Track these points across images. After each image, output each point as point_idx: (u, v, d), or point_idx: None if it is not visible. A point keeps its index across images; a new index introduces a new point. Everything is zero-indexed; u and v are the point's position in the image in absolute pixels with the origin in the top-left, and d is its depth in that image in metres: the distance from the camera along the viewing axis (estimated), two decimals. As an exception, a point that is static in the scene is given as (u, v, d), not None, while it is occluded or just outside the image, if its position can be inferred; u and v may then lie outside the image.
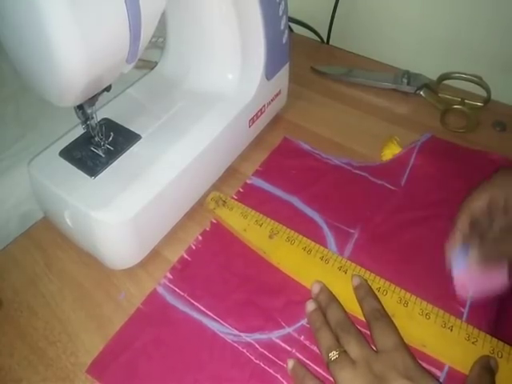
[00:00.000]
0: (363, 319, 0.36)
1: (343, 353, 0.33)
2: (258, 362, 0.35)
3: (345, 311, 0.36)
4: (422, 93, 0.58)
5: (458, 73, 0.56)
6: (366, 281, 0.38)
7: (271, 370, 0.35)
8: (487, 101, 0.55)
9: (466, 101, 0.56)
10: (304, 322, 0.37)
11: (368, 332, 0.35)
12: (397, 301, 0.37)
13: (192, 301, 0.39)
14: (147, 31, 0.33)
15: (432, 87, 0.58)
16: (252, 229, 0.43)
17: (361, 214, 0.44)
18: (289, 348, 0.36)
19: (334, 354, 0.33)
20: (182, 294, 0.39)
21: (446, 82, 0.59)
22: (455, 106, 0.55)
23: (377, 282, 0.39)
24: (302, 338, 0.36)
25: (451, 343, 0.35)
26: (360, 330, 0.35)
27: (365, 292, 0.37)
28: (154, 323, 0.38)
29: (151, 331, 0.37)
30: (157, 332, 0.37)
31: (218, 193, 0.47)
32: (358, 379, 0.31)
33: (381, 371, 0.31)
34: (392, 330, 0.34)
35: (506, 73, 0.59)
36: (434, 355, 0.35)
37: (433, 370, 0.34)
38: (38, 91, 0.33)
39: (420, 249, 0.41)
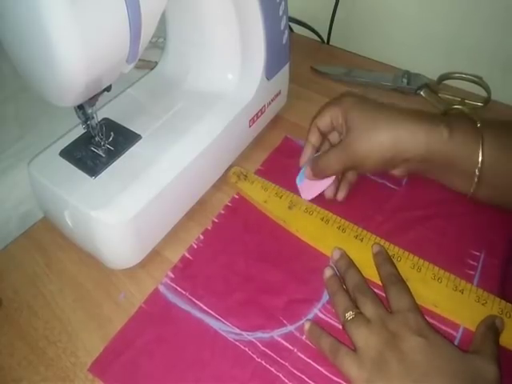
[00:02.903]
0: (379, 282, 0.38)
1: (359, 313, 0.35)
2: (259, 360, 0.35)
3: (362, 276, 0.38)
4: (422, 93, 0.58)
5: (458, 73, 0.56)
6: (385, 249, 0.40)
7: (273, 369, 0.35)
8: (487, 101, 0.55)
9: (466, 101, 0.56)
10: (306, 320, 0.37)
11: (383, 296, 0.37)
12: (410, 266, 0.39)
13: (194, 299, 0.39)
14: (147, 31, 0.33)
15: (432, 87, 0.58)
16: (272, 200, 0.45)
17: (362, 214, 0.44)
18: (290, 347, 0.36)
19: (350, 315, 0.35)
20: (184, 292, 0.39)
21: (446, 82, 0.58)
22: (455, 106, 0.55)
23: (391, 250, 0.40)
24: (303, 336, 0.36)
25: (462, 304, 0.37)
26: (376, 294, 0.36)
27: (383, 258, 0.39)
28: (155, 322, 0.38)
29: (153, 330, 0.37)
30: (158, 331, 0.37)
31: (239, 168, 0.48)
32: (373, 336, 0.33)
33: (395, 329, 0.33)
34: (406, 293, 0.36)
35: (506, 73, 0.59)
36: (445, 315, 0.37)
37: (449, 330, 0.36)
38: (38, 91, 0.33)
39: (421, 248, 0.41)
